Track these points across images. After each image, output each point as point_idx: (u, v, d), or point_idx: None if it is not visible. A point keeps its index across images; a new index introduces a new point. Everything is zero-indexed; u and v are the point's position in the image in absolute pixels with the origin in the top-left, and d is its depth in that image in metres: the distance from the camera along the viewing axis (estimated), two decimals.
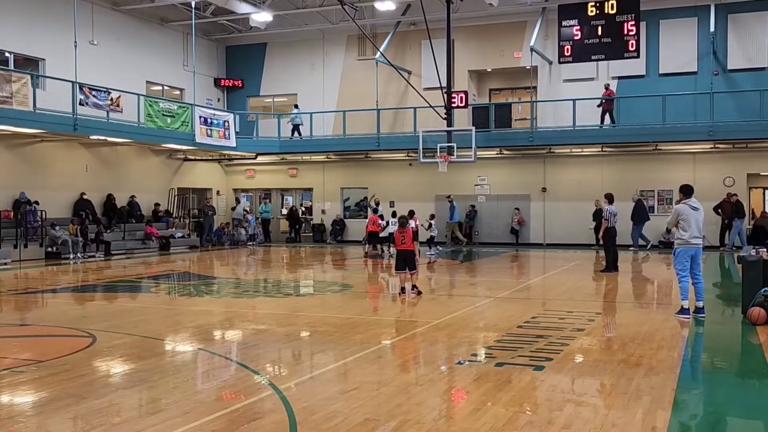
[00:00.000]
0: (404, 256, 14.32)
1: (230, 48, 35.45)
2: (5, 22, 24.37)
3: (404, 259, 14.30)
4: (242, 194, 34.85)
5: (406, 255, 14.32)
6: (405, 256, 14.33)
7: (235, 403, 6.79)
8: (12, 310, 13.23)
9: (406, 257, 14.31)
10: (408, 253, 14.30)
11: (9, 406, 6.93)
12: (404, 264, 14.26)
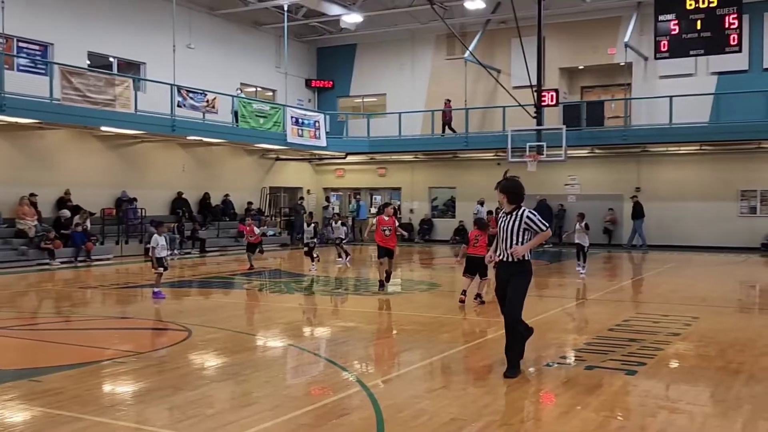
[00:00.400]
0: (475, 261, 12.81)
1: (321, 49, 35.98)
2: (109, 29, 25.49)
3: (475, 263, 12.84)
4: (332, 193, 35.32)
5: (478, 260, 12.59)
6: (476, 260, 12.75)
7: (324, 398, 6.90)
8: (114, 303, 13.83)
9: (477, 262, 12.72)
10: (479, 258, 12.52)
11: (111, 395, 7.26)
12: (474, 269, 12.94)
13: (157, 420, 6.23)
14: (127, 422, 6.10)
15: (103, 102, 21.56)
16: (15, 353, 9.31)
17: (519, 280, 7.73)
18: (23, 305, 13.90)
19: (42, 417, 6.26)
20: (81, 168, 23.98)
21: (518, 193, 7.89)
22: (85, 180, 23.95)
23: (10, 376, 7.76)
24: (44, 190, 22.47)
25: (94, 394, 7.13)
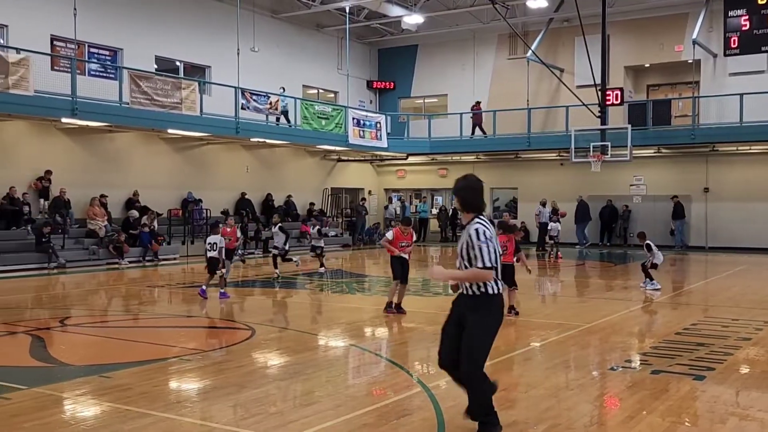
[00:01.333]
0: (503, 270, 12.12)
1: (382, 51, 36.10)
2: (176, 34, 26.08)
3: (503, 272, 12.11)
4: (393, 194, 35.40)
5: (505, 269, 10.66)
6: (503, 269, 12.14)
7: (385, 399, 6.92)
8: (180, 302, 14.14)
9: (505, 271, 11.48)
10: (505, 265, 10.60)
11: (177, 391, 7.43)
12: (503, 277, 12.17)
13: (222, 417, 6.34)
14: (193, 419, 6.23)
15: (170, 105, 22.07)
16: (86, 350, 9.60)
17: (478, 320, 5.60)
18: (94, 303, 14.33)
19: (111, 412, 6.45)
20: (148, 170, 24.60)
21: (473, 197, 5.76)
22: (152, 181, 24.56)
23: (81, 372, 8.01)
24: (114, 191, 23.14)
25: (161, 391, 7.31)
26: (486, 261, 5.49)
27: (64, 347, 9.57)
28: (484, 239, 5.51)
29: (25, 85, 18.49)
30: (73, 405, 6.73)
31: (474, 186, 5.81)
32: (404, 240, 12.59)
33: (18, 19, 21.34)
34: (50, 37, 22.27)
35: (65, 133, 22.07)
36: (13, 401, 6.69)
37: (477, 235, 5.53)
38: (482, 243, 5.50)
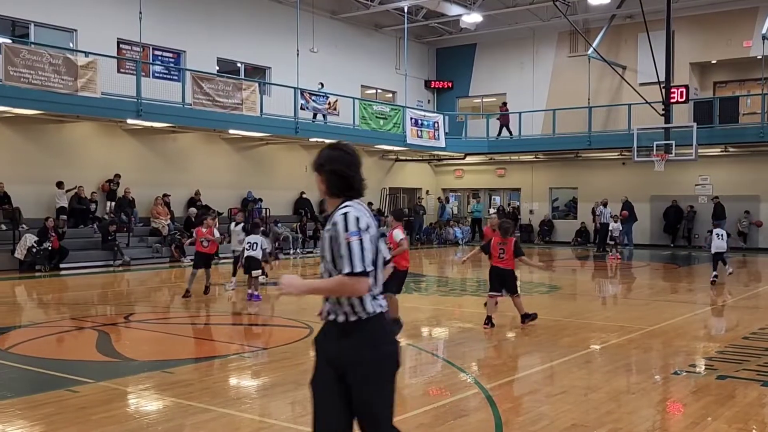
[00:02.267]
0: (501, 275, 10.81)
1: (440, 50, 36.00)
2: (237, 35, 26.49)
3: (501, 278, 10.82)
4: (450, 194, 35.28)
5: (504, 274, 10.81)
6: (501, 274, 10.81)
7: (442, 399, 6.90)
8: (240, 300, 14.35)
9: (503, 276, 10.81)
10: (505, 271, 10.78)
11: (236, 388, 7.55)
12: (500, 285, 10.79)
13: (280, 414, 6.41)
14: (252, 415, 6.32)
15: (231, 106, 22.43)
16: (149, 345, 9.83)
17: (367, 371, 3.75)
18: (157, 300, 14.66)
19: (173, 407, 6.58)
20: (210, 169, 25.06)
21: (344, 173, 3.98)
22: (213, 181, 25.01)
23: (145, 367, 8.21)
24: (176, 190, 23.64)
25: (221, 387, 7.43)
26: (356, 263, 3.59)
27: (129, 343, 9.82)
28: (356, 231, 3.66)
29: (92, 87, 19.03)
30: (137, 399, 6.89)
31: (345, 159, 3.97)
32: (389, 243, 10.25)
33: (86, 23, 21.98)
34: (117, 41, 22.89)
35: (130, 133, 22.64)
36: (80, 394, 6.90)
37: (345, 223, 3.70)
38: (352, 236, 3.63)
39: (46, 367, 8.28)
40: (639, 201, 28.53)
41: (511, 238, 10.79)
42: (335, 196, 3.96)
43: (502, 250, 10.67)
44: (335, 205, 3.93)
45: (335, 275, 3.75)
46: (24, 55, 17.80)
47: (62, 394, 6.92)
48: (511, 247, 10.66)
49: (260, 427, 6.04)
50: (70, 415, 6.25)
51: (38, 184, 20.30)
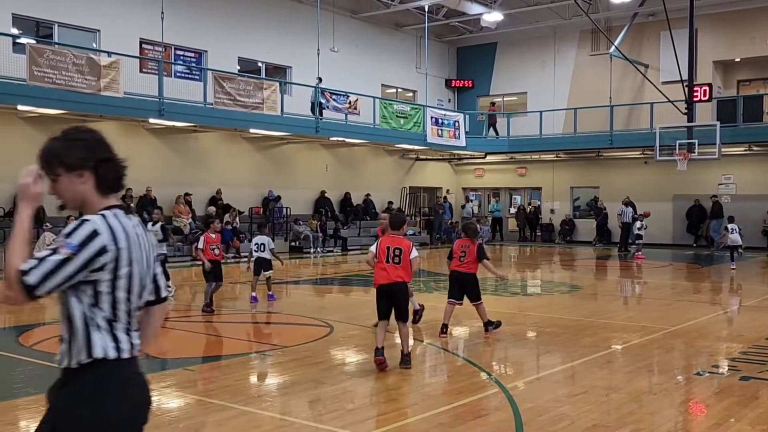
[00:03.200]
0: (462, 280, 9.95)
1: (461, 49, 35.92)
2: (258, 35, 26.60)
3: (461, 283, 9.97)
4: (471, 193, 35.20)
5: (465, 278, 9.95)
6: (462, 279, 9.95)
7: (462, 398, 6.89)
8: (261, 298, 14.40)
9: (464, 281, 9.96)
10: (466, 276, 9.94)
11: (258, 385, 7.59)
12: (460, 291, 9.98)
13: (301, 412, 6.44)
14: (273, 413, 6.35)
15: (252, 105, 22.53)
16: (171, 343, 9.90)
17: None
18: (178, 299, 14.75)
19: (195, 404, 6.63)
20: (231, 168, 25.19)
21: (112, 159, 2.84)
22: (234, 180, 25.14)
23: (167, 365, 8.27)
24: (198, 189, 23.78)
25: (242, 385, 7.47)
26: (35, 272, 2.54)
27: None
28: (76, 246, 2.59)
29: (115, 87, 19.20)
30: (159, 396, 6.94)
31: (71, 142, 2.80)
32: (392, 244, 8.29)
33: (109, 23, 22.17)
34: (139, 41, 23.08)
35: (152, 133, 22.81)
36: None
37: (74, 230, 2.64)
38: (67, 248, 2.58)
39: None
40: (661, 200, 28.32)
41: (473, 240, 10.00)
42: (104, 195, 2.78)
43: (463, 253, 9.83)
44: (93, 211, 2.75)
45: None
46: (48, 55, 18.00)
47: None
48: (474, 250, 9.85)
49: (281, 425, 6.07)
50: None
51: None
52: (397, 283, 7.92)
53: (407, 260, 7.88)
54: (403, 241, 8.07)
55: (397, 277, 7.89)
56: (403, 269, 7.91)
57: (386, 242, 7.99)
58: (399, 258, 7.85)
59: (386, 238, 8.13)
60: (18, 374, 7.68)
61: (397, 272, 7.89)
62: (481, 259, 9.88)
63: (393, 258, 7.94)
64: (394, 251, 7.97)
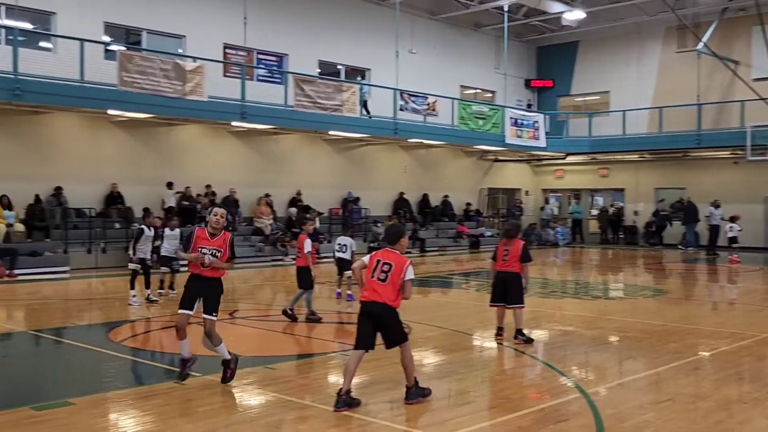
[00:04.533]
0: (503, 279, 9.67)
1: (541, 48, 35.43)
2: (338, 38, 26.88)
3: (503, 283, 9.69)
4: (551, 194, 34.67)
5: (506, 277, 9.64)
6: (504, 278, 9.66)
7: (541, 402, 6.78)
8: (342, 299, 14.52)
9: (506, 281, 9.66)
10: (509, 275, 9.60)
11: (335, 385, 7.62)
12: (503, 293, 9.69)
13: (378, 412, 6.46)
14: (350, 412, 6.39)
15: (332, 107, 22.78)
16: (252, 342, 10.11)
17: None
18: (259, 298, 15.06)
19: (274, 402, 6.74)
20: (311, 170, 25.54)
21: None
22: (314, 181, 25.48)
23: (247, 363, 8.43)
24: (279, 190, 24.21)
25: (320, 384, 7.56)
26: None
27: (233, 338, 10.09)
28: None
29: (200, 91, 19.74)
30: (241, 393, 7.10)
31: None
32: None
33: (194, 29, 22.81)
34: (223, 45, 23.66)
35: (235, 135, 23.34)
36: (187, 387, 7.17)
37: None
38: None
39: (155, 359, 8.65)
40: (752, 202, 27.24)
41: (517, 240, 9.66)
42: None
43: (506, 252, 9.57)
44: None
45: None
46: (137, 61, 18.65)
47: (170, 386, 7.21)
48: (517, 249, 9.50)
49: (359, 424, 6.11)
50: (177, 406, 6.51)
51: (148, 184, 21.19)
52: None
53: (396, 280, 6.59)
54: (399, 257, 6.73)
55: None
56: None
57: (378, 255, 6.79)
58: (386, 275, 6.61)
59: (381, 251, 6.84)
60: (107, 369, 7.97)
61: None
62: (523, 261, 9.52)
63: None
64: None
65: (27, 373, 8.11)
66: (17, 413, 6.20)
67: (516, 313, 9.58)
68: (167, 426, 5.96)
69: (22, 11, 19.12)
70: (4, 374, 8.08)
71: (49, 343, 9.80)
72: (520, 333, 9.55)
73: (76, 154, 20.17)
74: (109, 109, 19.12)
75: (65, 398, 6.37)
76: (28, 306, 13.63)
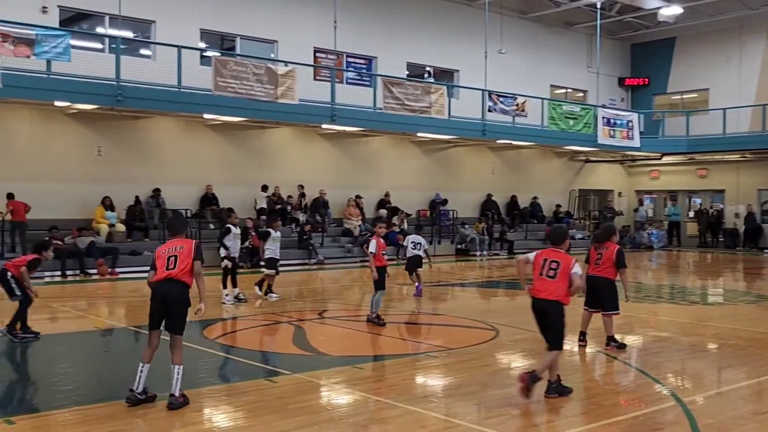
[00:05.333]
0: (595, 284, 9.12)
1: (636, 46, 34.46)
2: (426, 40, 26.89)
3: (594, 288, 9.15)
4: (645, 196, 33.68)
5: (598, 283, 9.11)
6: (596, 283, 9.12)
7: (634, 410, 6.60)
8: (427, 300, 14.54)
9: (597, 286, 9.13)
10: (600, 280, 9.09)
11: (423, 386, 7.66)
12: (595, 297, 9.25)
13: (466, 415, 6.42)
14: (438, 414, 6.38)
15: (420, 109, 22.80)
16: (341, 341, 10.23)
17: None
18: (348, 298, 15.22)
19: (363, 401, 6.80)
20: (399, 171, 25.65)
21: None
22: (402, 183, 25.57)
23: (336, 362, 8.54)
24: (367, 192, 24.41)
25: (408, 384, 7.58)
26: None
27: (322, 338, 10.25)
28: None
29: (291, 94, 20.12)
30: (329, 392, 7.19)
31: None
32: None
33: (286, 34, 23.28)
34: (313, 49, 24.05)
35: (325, 138, 23.68)
36: (278, 384, 7.31)
37: None
38: None
39: (247, 357, 8.86)
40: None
41: (612, 243, 9.13)
42: None
43: (599, 256, 9.09)
44: None
45: None
46: (231, 66, 19.17)
47: (262, 383, 7.37)
48: (611, 254, 9.00)
49: (446, 426, 6.09)
50: (268, 403, 6.65)
51: (241, 185, 21.75)
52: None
53: (565, 277, 6.93)
54: (565, 255, 7.12)
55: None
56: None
57: (544, 254, 7.17)
58: (555, 272, 6.98)
59: (547, 251, 7.25)
60: (202, 365, 8.22)
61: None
62: (619, 267, 9.03)
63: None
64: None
65: (126, 367, 8.45)
66: (116, 406, 6.47)
67: (607, 320, 9.21)
68: (258, 422, 6.10)
69: (125, 20, 19.95)
70: (106, 368, 8.45)
71: None
72: (612, 340, 9.22)
73: (173, 156, 20.91)
74: (205, 113, 19.77)
75: (162, 393, 6.60)
76: (128, 303, 14.21)
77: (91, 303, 14.25)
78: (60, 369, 8.18)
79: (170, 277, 6.61)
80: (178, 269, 6.61)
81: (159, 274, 6.67)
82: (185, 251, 6.73)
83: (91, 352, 9.69)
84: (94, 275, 17.45)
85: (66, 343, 9.96)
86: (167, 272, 6.61)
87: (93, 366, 8.65)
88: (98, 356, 9.43)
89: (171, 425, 6.12)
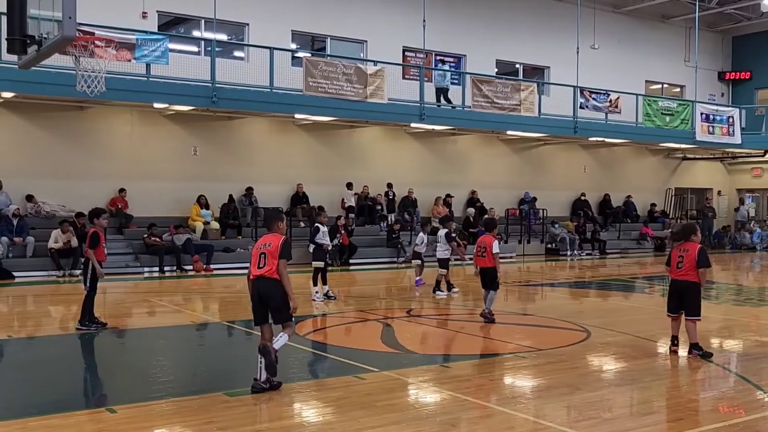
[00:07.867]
0: (678, 288, 8.74)
1: (737, 38, 33.04)
2: (516, 37, 26.55)
3: (678, 293, 8.75)
4: (747, 195, 32.27)
5: (681, 287, 8.69)
6: (678, 287, 8.73)
7: (733, 417, 6.34)
8: (516, 300, 14.39)
9: (680, 290, 8.71)
10: (683, 284, 8.64)
11: (511, 387, 7.58)
12: (678, 302, 8.76)
13: (555, 417, 6.32)
14: (527, 415, 6.30)
15: (509, 107, 22.54)
16: (428, 339, 10.26)
17: None
18: (436, 297, 15.19)
19: (450, 400, 6.79)
20: (487, 170, 25.45)
21: None
22: (491, 181, 25.36)
23: (424, 360, 8.56)
24: (456, 191, 24.33)
25: (496, 385, 7.52)
26: None
27: (410, 336, 10.29)
28: None
29: (380, 94, 20.26)
30: (417, 390, 7.21)
31: None
32: None
33: (375, 34, 23.45)
34: (402, 48, 24.13)
35: (413, 136, 23.73)
36: (366, 381, 7.39)
37: None
38: None
39: (336, 354, 8.98)
40: None
41: (694, 243, 8.63)
42: None
43: (681, 258, 8.56)
44: None
45: None
46: (321, 67, 19.47)
47: (350, 380, 7.46)
48: (693, 255, 8.46)
49: (535, 428, 6.01)
50: (356, 400, 6.72)
51: (330, 184, 22.06)
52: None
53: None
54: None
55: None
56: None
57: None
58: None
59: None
60: (293, 360, 8.37)
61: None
62: (700, 266, 8.47)
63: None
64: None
65: (221, 361, 8.72)
66: (212, 398, 6.68)
67: (689, 326, 8.62)
68: (347, 418, 6.17)
69: (219, 24, 20.54)
70: (201, 361, 8.73)
71: (241, 334, 10.46)
72: (696, 347, 8.65)
73: (265, 156, 21.40)
74: (296, 113, 20.15)
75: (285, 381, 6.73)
76: (222, 299, 14.64)
77: (186, 298, 14.75)
78: (158, 361, 8.51)
79: (262, 276, 6.90)
80: (267, 268, 6.89)
81: (252, 272, 7.02)
82: (272, 248, 6.92)
83: (187, 345, 10.04)
84: (190, 271, 18.06)
85: (163, 336, 10.35)
86: (259, 271, 6.94)
87: (188, 359, 8.95)
88: (194, 350, 9.76)
89: (261, 418, 6.27)
